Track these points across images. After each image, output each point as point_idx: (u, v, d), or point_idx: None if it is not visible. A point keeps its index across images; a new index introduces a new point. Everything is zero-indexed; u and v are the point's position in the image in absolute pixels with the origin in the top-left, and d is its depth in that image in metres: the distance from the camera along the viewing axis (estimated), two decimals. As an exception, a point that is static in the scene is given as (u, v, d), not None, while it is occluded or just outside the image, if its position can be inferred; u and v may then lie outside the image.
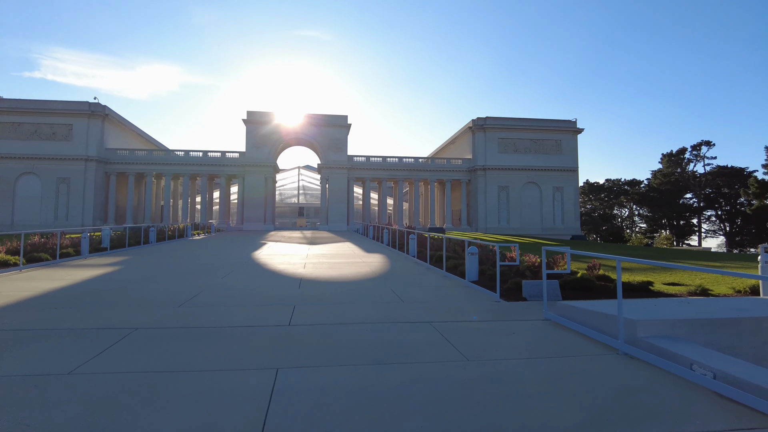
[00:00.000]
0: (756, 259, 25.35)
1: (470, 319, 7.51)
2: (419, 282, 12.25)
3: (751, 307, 6.75)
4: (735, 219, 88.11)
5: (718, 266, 17.86)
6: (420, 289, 10.94)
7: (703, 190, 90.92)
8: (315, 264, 16.45)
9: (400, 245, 22.76)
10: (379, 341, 6.10)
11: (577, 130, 64.30)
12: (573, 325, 6.77)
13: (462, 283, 11.83)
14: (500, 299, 9.51)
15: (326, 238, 36.13)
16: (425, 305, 8.86)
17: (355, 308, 8.50)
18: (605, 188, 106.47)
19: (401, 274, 13.88)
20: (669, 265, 5.68)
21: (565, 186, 63.20)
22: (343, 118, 60.50)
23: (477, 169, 61.50)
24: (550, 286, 9.75)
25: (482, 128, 61.78)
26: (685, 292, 10.75)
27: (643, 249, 39.36)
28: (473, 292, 10.52)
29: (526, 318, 7.66)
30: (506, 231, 59.13)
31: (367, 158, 62.33)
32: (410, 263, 17.14)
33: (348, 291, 10.68)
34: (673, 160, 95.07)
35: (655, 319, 5.78)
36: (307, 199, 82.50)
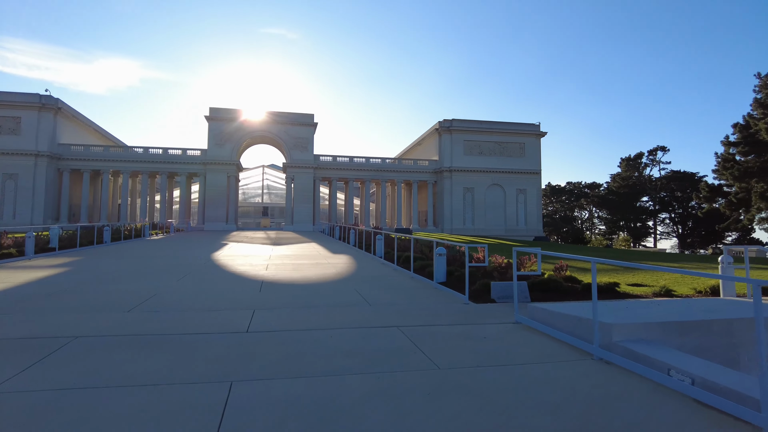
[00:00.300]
0: (709, 260, 26.28)
1: (440, 323, 7.21)
2: (386, 284, 11.92)
3: (720, 309, 6.73)
4: (687, 221, 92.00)
5: (681, 267, 18.33)
6: (387, 292, 10.60)
7: (659, 194, 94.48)
8: (278, 266, 15.88)
9: (367, 246, 22.39)
10: (343, 349, 5.70)
11: (540, 134, 65.58)
12: (545, 328, 6.57)
13: (430, 284, 11.56)
14: (469, 301, 9.27)
15: (291, 238, 35.38)
16: (393, 308, 8.52)
17: (318, 313, 8.07)
18: (566, 191, 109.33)
19: (368, 276, 13.51)
20: (644, 267, 5.54)
21: (528, 188, 64.34)
22: (309, 117, 59.69)
23: (443, 170, 61.85)
24: (520, 287, 9.59)
25: (448, 130, 62.20)
26: (650, 293, 10.81)
27: (605, 250, 40.35)
28: (441, 294, 10.27)
29: (497, 321, 7.43)
30: (471, 232, 59.70)
31: (333, 158, 61.71)
32: (377, 264, 16.80)
33: (312, 294, 10.23)
34: (630, 165, 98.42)
35: (630, 323, 5.62)
36: (272, 198, 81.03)
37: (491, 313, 8.19)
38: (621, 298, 10.20)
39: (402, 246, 18.64)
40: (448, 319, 7.54)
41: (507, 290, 9.63)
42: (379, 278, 13.03)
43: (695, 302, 7.58)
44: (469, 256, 14.34)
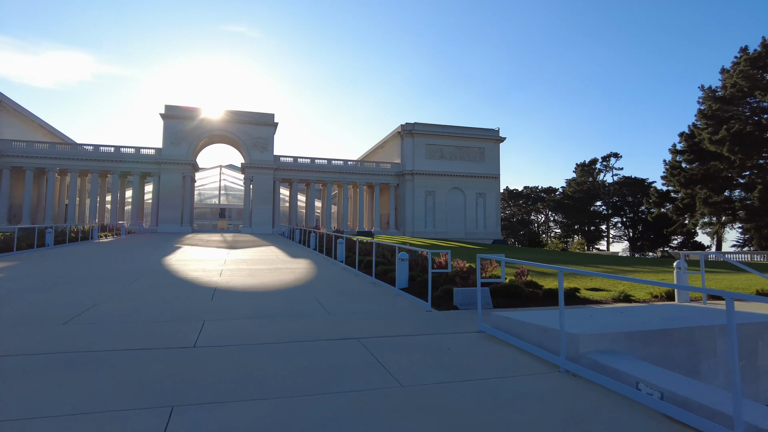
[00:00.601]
0: (660, 263, 27.30)
1: (402, 333, 6.91)
2: (347, 290, 11.54)
3: (680, 316, 6.73)
4: (637, 225, 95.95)
5: (634, 272, 18.79)
6: (348, 299, 10.23)
7: (611, 199, 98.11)
8: (233, 271, 15.22)
9: (328, 250, 21.93)
10: (300, 365, 5.30)
11: (499, 139, 66.75)
12: (510, 338, 6.38)
13: (392, 290, 11.27)
14: (432, 308, 9.03)
15: (248, 241, 34.39)
16: (353, 318, 8.16)
17: (274, 323, 7.62)
18: (524, 195, 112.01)
19: (328, 282, 13.09)
20: (613, 277, 5.40)
21: (487, 192, 65.33)
22: (269, 117, 58.51)
23: (405, 173, 61.96)
24: (482, 294, 9.44)
25: (410, 134, 62.38)
26: (609, 299, 10.91)
27: (561, 253, 41.27)
28: (404, 301, 9.99)
29: (460, 330, 7.20)
30: (432, 235, 60.03)
31: (294, 159, 60.71)
32: (338, 269, 16.39)
33: (268, 303, 9.74)
34: (585, 170, 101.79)
35: (596, 333, 5.50)
36: (230, 200, 78.94)
37: (454, 321, 7.96)
38: (582, 304, 10.23)
39: (363, 250, 18.30)
40: (410, 329, 7.26)
41: (470, 296, 9.46)
42: (339, 284, 12.64)
43: (655, 309, 7.61)
44: (431, 261, 14.22)
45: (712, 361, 6.06)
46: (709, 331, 6.09)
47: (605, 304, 10.40)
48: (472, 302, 9.28)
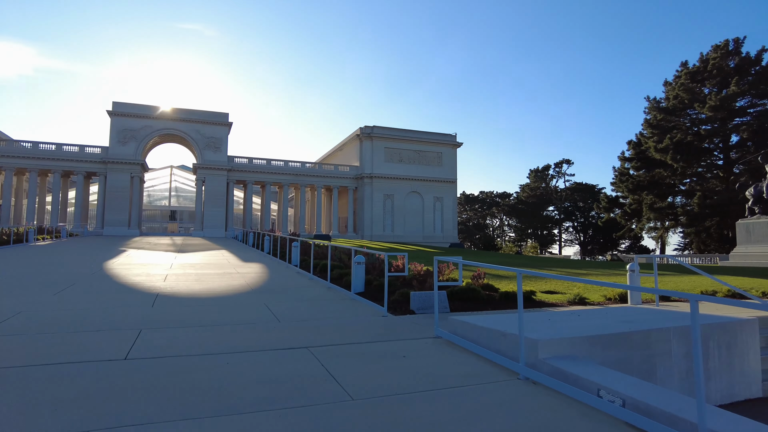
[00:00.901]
0: (611, 266, 28.15)
1: (355, 341, 6.53)
2: (300, 295, 11.06)
3: (636, 318, 6.70)
4: (588, 230, 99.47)
5: (587, 275, 19.16)
6: (300, 305, 9.76)
7: (563, 204, 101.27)
8: (179, 276, 14.39)
9: (282, 254, 21.26)
10: (242, 379, 4.84)
11: (456, 144, 67.60)
12: (467, 344, 6.13)
13: (347, 295, 10.87)
14: (388, 313, 8.71)
15: (199, 245, 33.09)
16: (305, 324, 7.72)
17: (218, 333, 7.08)
18: (479, 199, 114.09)
19: (281, 287, 12.55)
20: (570, 279, 5.23)
21: (444, 196, 65.97)
22: (224, 116, 56.89)
23: (364, 176, 61.66)
24: (439, 298, 9.21)
25: (369, 137, 62.19)
26: (565, 301, 10.93)
27: (515, 257, 42.03)
28: (359, 306, 9.62)
29: (416, 336, 6.91)
30: (390, 238, 59.94)
31: (249, 160, 59.22)
32: (292, 273, 15.83)
33: (213, 310, 9.13)
34: (539, 176, 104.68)
35: (555, 338, 5.32)
36: (181, 202, 76.16)
37: (411, 326, 7.67)
38: (538, 307, 10.18)
39: (319, 254, 17.81)
40: (364, 336, 6.90)
41: (427, 300, 9.21)
42: (292, 289, 12.13)
43: (611, 312, 7.58)
44: (388, 264, 13.91)
45: (667, 363, 6.02)
46: (664, 333, 6.05)
47: (561, 306, 10.40)
48: (429, 306, 9.03)
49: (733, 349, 6.63)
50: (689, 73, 59.97)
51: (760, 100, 56.23)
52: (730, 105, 55.18)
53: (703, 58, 59.93)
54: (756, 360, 6.94)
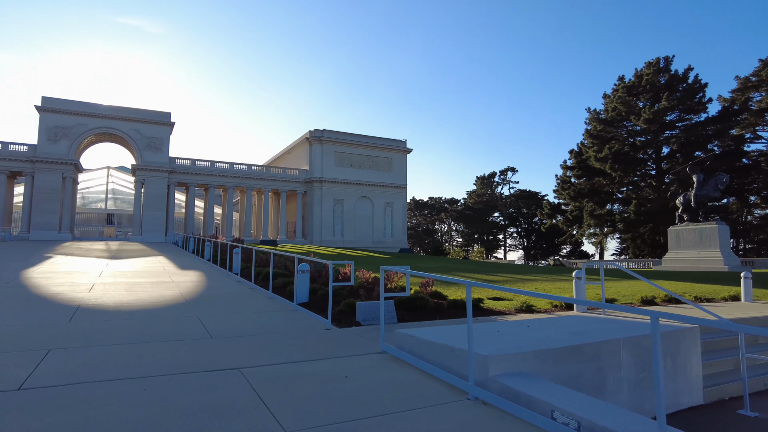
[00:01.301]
0: (555, 271, 28.86)
1: (293, 359, 5.99)
2: (239, 307, 10.34)
3: (586, 329, 6.56)
4: (531, 235, 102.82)
5: (533, 281, 19.38)
6: (237, 318, 9.07)
7: (508, 210, 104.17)
8: (107, 286, 13.24)
9: (223, 261, 20.23)
10: (157, 411, 4.19)
11: (406, 150, 67.93)
12: (414, 360, 5.75)
13: (289, 306, 10.26)
14: (332, 325, 8.21)
15: (136, 251, 31.19)
16: (239, 341, 7.08)
17: (141, 351, 6.34)
18: (429, 205, 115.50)
19: (218, 298, 11.75)
20: (524, 293, 4.95)
21: (395, 202, 66.04)
22: (165, 115, 54.38)
23: (313, 180, 60.67)
24: (386, 309, 8.81)
25: (319, 140, 61.35)
26: (512, 309, 10.82)
27: (463, 262, 42.50)
28: (301, 318, 9.05)
29: (361, 351, 6.45)
30: (340, 244, 59.25)
31: (192, 161, 56.84)
32: (232, 282, 14.98)
33: (140, 324, 8.30)
34: (485, 182, 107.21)
35: (506, 354, 5.02)
36: (119, 204, 72.16)
37: (355, 340, 7.21)
38: (486, 315, 10.00)
39: (262, 261, 17.02)
40: (304, 353, 6.36)
41: (373, 311, 8.78)
42: (231, 300, 11.37)
43: (560, 322, 7.44)
44: (335, 272, 13.40)
45: (617, 374, 5.89)
46: (613, 345, 5.92)
47: (509, 315, 10.27)
48: (376, 317, 8.61)
49: (678, 357, 6.63)
50: (626, 87, 63.25)
51: (687, 114, 60.09)
52: (661, 118, 58.60)
53: (638, 74, 63.40)
54: (698, 367, 6.99)
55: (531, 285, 17.33)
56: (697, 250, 36.70)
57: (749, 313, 11.21)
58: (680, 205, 39.08)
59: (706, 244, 36.23)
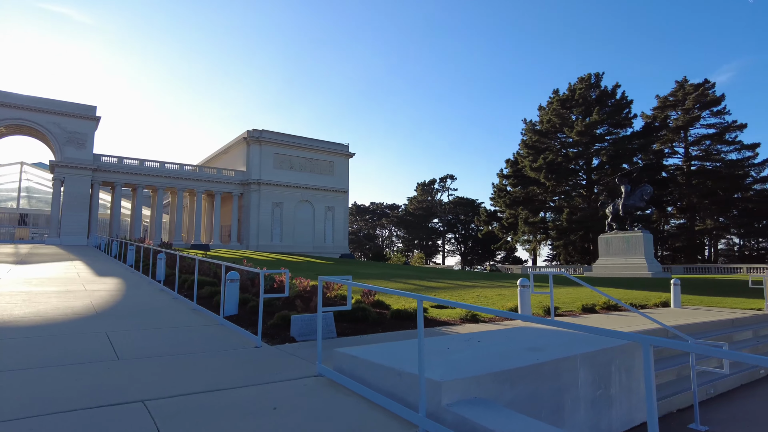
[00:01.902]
0: (493, 277, 29.11)
1: (213, 387, 5.07)
2: (157, 321, 9.16)
3: (542, 344, 6.11)
4: (468, 241, 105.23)
5: (474, 287, 19.20)
6: (153, 334, 7.94)
7: (447, 216, 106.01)
8: (2, 296, 11.52)
9: (147, 267, 18.56)
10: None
11: (348, 154, 67.23)
12: (355, 386, 5.02)
13: (215, 320, 9.20)
14: (263, 342, 7.30)
15: (50, 255, 28.33)
16: (151, 363, 6.04)
17: (26, 380, 5.18)
18: (370, 210, 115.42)
19: (135, 310, 10.45)
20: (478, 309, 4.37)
21: (336, 206, 65.06)
22: (90, 109, 50.49)
23: (251, 182, 58.45)
24: (325, 322, 8.03)
25: (258, 141, 59.27)
26: (458, 319, 10.36)
27: (404, 267, 42.25)
28: (228, 334, 8.06)
29: (295, 374, 5.64)
30: (279, 249, 57.36)
31: (119, 159, 53.08)
32: (154, 291, 13.58)
33: (33, 343, 7.01)
34: (425, 189, 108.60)
35: (461, 378, 4.42)
36: (34, 204, 66.09)
37: (289, 360, 6.38)
38: (431, 326, 9.45)
39: (189, 267, 15.68)
40: (227, 377, 5.46)
41: (310, 325, 7.97)
42: (149, 312, 10.13)
43: (511, 334, 6.98)
44: (269, 280, 12.42)
45: (575, 393, 5.46)
46: (571, 361, 5.49)
47: (454, 325, 9.79)
48: (313, 331, 7.80)
49: (632, 371, 6.35)
50: (560, 100, 66.09)
51: (615, 128, 63.67)
52: (592, 131, 61.68)
53: (571, 88, 66.48)
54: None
55: (473, 291, 17.11)
56: (624, 257, 38.54)
57: (684, 320, 11.42)
58: (609, 214, 40.98)
59: (633, 252, 38.13)
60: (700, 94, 63.97)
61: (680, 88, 66.95)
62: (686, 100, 64.90)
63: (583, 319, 11.22)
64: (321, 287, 5.89)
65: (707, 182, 61.62)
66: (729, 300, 17.33)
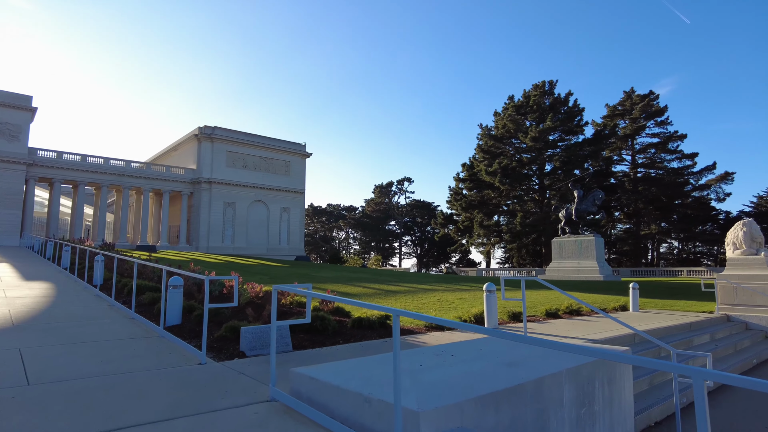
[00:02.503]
0: (451, 280, 28.88)
1: (142, 420, 4.20)
2: (87, 333, 8.05)
3: (521, 359, 5.58)
4: (424, 244, 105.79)
5: (434, 291, 18.75)
6: (79, 350, 6.88)
7: (403, 219, 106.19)
8: None
9: (83, 270, 17.00)
10: None
11: (305, 154, 65.91)
12: (316, 415, 4.29)
13: (155, 331, 8.19)
14: (208, 359, 6.43)
15: (-28, 256, 25.78)
16: (68, 390, 5.05)
17: None
18: (327, 212, 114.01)
19: (62, 320, 9.23)
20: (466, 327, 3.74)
21: (292, 207, 63.56)
22: (25, 99, 46.96)
23: (201, 181, 56.10)
24: (280, 333, 7.24)
25: (210, 138, 57.01)
26: (423, 327, 9.78)
27: (362, 270, 41.52)
28: (168, 348, 7.11)
29: (243, 400, 4.82)
30: (231, 251, 55.31)
31: (59, 154, 49.65)
32: (89, 298, 12.26)
33: None
34: (383, 191, 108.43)
35: (442, 406, 3.79)
36: (-41, 201, 60.93)
37: (237, 380, 5.55)
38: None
39: (129, 270, 14.39)
40: (160, 406, 4.57)
41: (262, 337, 7.14)
42: (79, 323, 8.96)
43: (486, 347, 6.43)
44: (218, 286, 11.42)
45: (559, 413, 4.95)
46: (556, 378, 4.98)
47: (420, 334, 9.21)
48: (266, 344, 6.99)
49: (614, 384, 5.94)
50: (515, 106, 67.33)
51: (567, 135, 65.46)
52: (545, 137, 63.11)
53: (526, 94, 67.88)
54: (630, 393, 6.39)
55: (433, 295, 16.65)
56: (577, 261, 39.35)
57: (648, 324, 11.33)
58: (563, 218, 41.79)
59: (585, 255, 38.99)
60: (646, 104, 66.91)
61: (628, 98, 69.81)
62: (633, 109, 67.72)
63: (549, 326, 10.89)
64: (275, 296, 5.12)
65: (652, 189, 64.45)
66: (681, 303, 17.69)
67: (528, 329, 10.16)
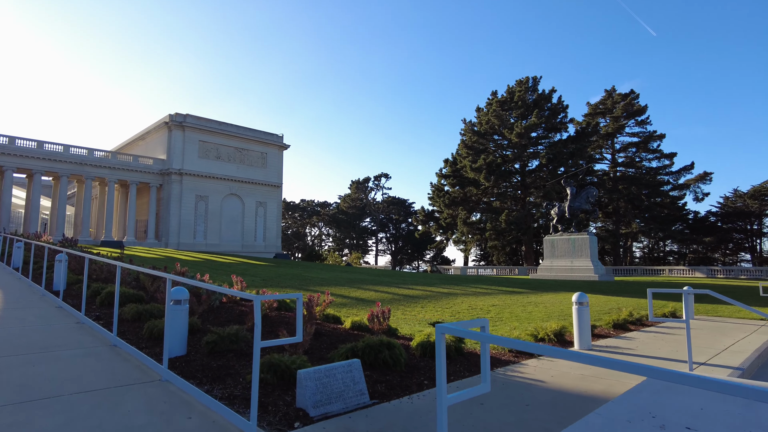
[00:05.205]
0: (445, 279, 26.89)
1: None
2: (44, 379, 5.38)
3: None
4: (398, 241, 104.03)
5: (449, 293, 16.56)
6: (29, 422, 4.31)
7: (379, 216, 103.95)
8: None
9: (41, 272, 14.01)
10: None
11: (283, 146, 62.79)
12: None
13: (152, 371, 5.56)
14: (258, 428, 4.00)
15: None
16: None
17: None
18: (300, 207, 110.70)
19: (7, 350, 6.52)
20: None
21: (268, 201, 60.35)
22: (-28, 79, 42.20)
23: (172, 172, 52.26)
24: (350, 376, 4.84)
25: (181, 126, 53.19)
26: (506, 351, 7.50)
27: (347, 269, 39.09)
28: (183, 407, 4.58)
29: None
30: (203, 248, 51.69)
31: (10, 140, 44.97)
32: (48, 311, 9.46)
33: None
34: (359, 187, 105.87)
35: None
36: None
37: None
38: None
39: (99, 271, 11.61)
40: None
41: (330, 385, 4.72)
42: (33, 356, 6.26)
43: (637, 400, 4.22)
44: (219, 296, 8.90)
45: None
46: None
47: (512, 364, 6.92)
48: (337, 396, 4.58)
49: None
50: (499, 102, 65.91)
51: (551, 132, 64.52)
52: (529, 134, 61.94)
53: (510, 90, 66.58)
54: None
55: (458, 300, 14.52)
56: (570, 259, 37.99)
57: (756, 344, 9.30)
58: (555, 216, 40.35)
59: (578, 254, 37.65)
60: (627, 103, 66.69)
61: (609, 96, 69.50)
62: (614, 108, 67.40)
63: (631, 342, 8.83)
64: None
65: (632, 188, 64.26)
66: (724, 308, 16.02)
67: (607, 347, 8.12)
